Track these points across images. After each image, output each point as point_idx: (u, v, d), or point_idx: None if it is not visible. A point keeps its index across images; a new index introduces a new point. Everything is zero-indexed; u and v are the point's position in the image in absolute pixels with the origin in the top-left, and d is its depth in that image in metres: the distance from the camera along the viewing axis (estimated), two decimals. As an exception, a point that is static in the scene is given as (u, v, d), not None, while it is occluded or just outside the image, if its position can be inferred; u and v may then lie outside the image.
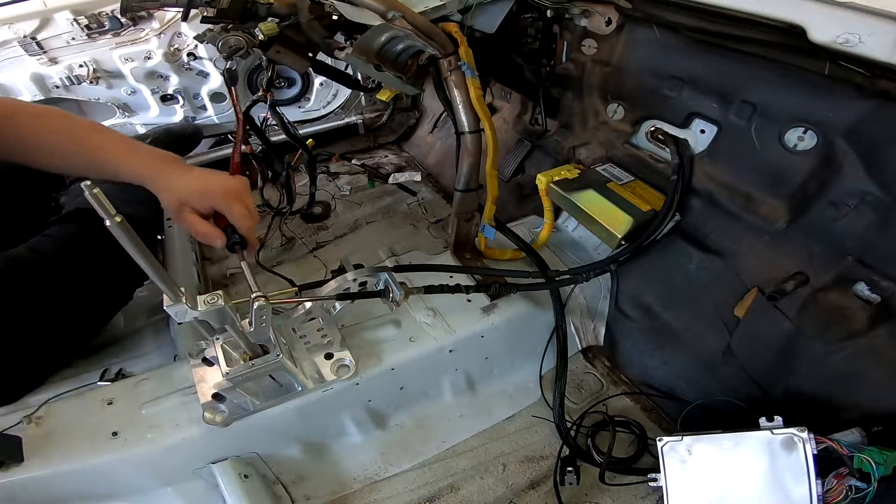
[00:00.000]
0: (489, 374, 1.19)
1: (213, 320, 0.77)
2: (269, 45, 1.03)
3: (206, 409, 0.90)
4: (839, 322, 0.89)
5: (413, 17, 0.93)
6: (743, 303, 1.03)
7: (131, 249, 0.62)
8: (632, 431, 1.10)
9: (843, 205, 0.89)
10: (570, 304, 1.26)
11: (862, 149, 0.85)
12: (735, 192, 1.06)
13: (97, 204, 0.56)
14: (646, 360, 1.20)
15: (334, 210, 1.75)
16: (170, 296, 0.70)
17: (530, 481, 1.05)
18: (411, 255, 1.39)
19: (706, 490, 0.80)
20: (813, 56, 0.85)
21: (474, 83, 1.02)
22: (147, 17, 1.69)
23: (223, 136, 2.05)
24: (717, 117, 1.07)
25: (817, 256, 0.94)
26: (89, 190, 0.55)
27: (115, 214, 0.58)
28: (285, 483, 1.01)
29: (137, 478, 0.92)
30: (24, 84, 1.67)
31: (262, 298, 0.76)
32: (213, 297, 0.74)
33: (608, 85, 1.28)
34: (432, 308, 1.13)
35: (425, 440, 1.10)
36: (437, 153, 2.01)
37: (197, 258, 1.48)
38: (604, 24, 1.21)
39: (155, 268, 0.66)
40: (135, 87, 1.81)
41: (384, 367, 1.03)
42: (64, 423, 0.91)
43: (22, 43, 1.61)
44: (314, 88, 2.02)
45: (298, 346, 1.02)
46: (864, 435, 0.77)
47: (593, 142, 1.36)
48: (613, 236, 1.13)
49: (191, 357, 0.95)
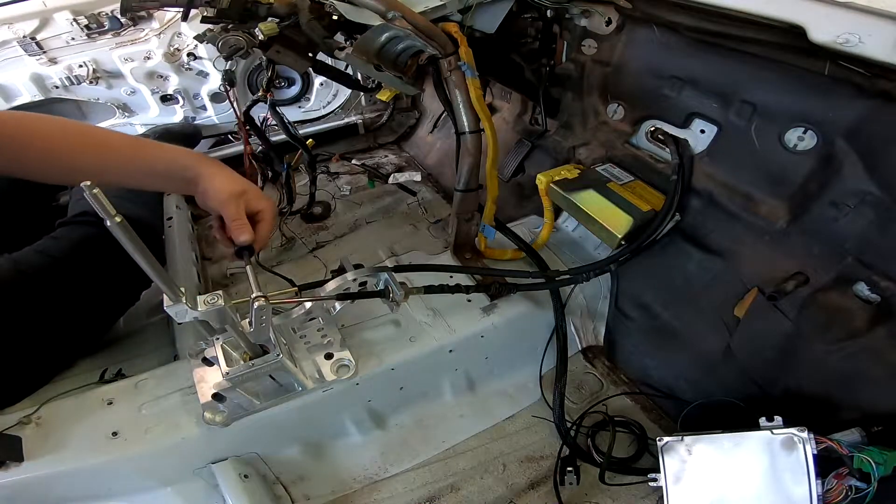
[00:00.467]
0: (489, 374, 1.19)
1: (213, 320, 0.77)
2: (269, 45, 1.03)
3: (206, 409, 0.90)
4: (839, 322, 0.89)
5: (413, 17, 0.93)
6: (743, 303, 1.03)
7: (131, 250, 0.62)
8: (632, 431, 1.10)
9: (843, 205, 0.89)
10: (570, 304, 1.26)
11: (862, 149, 0.85)
12: (735, 192, 1.06)
13: (97, 204, 0.56)
14: (646, 360, 1.20)
15: (334, 210, 1.75)
16: (170, 296, 0.70)
17: (530, 481, 1.05)
18: (411, 255, 1.39)
19: (706, 490, 0.80)
20: (813, 56, 0.85)
21: (474, 83, 1.02)
22: (147, 17, 1.69)
23: (223, 136, 2.05)
24: (717, 117, 1.07)
25: (817, 256, 0.94)
26: (89, 190, 0.55)
27: (115, 214, 0.58)
28: (285, 483, 1.01)
29: (137, 478, 0.92)
30: (24, 84, 1.67)
31: (263, 299, 0.76)
32: (213, 297, 0.74)
33: (608, 85, 1.28)
34: (432, 308, 1.13)
35: (425, 440, 1.10)
36: (437, 153, 2.01)
37: (197, 258, 1.48)
38: (604, 24, 1.21)
39: (155, 268, 0.66)
40: (134, 87, 1.81)
41: (384, 367, 1.03)
42: (64, 423, 0.91)
43: (21, 43, 1.60)
44: (314, 88, 2.03)
45: (298, 346, 1.02)
46: (864, 435, 0.77)
47: (593, 142, 1.36)
48: (613, 236, 1.13)
49: (191, 357, 0.95)
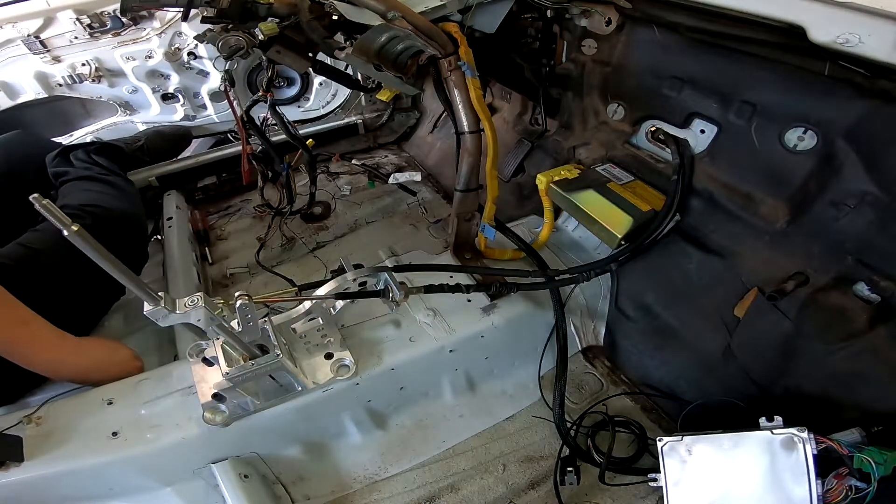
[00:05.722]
0: (489, 374, 1.19)
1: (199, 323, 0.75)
2: (269, 45, 1.03)
3: (206, 409, 0.90)
4: (839, 322, 0.89)
5: (413, 17, 0.93)
6: (743, 303, 1.03)
7: (95, 256, 0.60)
8: (632, 431, 1.10)
9: (843, 205, 0.89)
10: (570, 303, 1.26)
11: (862, 149, 0.85)
12: (735, 192, 1.06)
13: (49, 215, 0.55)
14: (646, 360, 1.20)
15: (334, 210, 1.75)
16: (145, 299, 0.69)
17: (530, 481, 1.05)
18: (411, 255, 1.39)
19: (706, 490, 0.80)
20: (813, 56, 0.85)
21: (474, 83, 1.02)
22: (148, 16, 1.70)
23: (223, 136, 2.05)
24: (717, 117, 1.07)
25: (817, 256, 0.94)
26: (38, 202, 0.54)
27: (70, 224, 0.56)
28: (285, 483, 1.01)
29: (137, 478, 0.92)
30: (28, 82, 1.69)
31: (245, 297, 0.76)
32: (192, 300, 0.72)
33: (608, 85, 1.28)
34: (432, 308, 1.13)
35: (425, 440, 1.10)
36: (437, 153, 2.01)
37: (197, 258, 1.48)
38: (604, 24, 1.21)
39: (125, 272, 0.64)
40: (136, 85, 1.82)
41: (384, 367, 1.03)
42: (64, 423, 0.91)
43: (25, 41, 1.62)
44: (314, 88, 2.03)
45: (298, 346, 1.02)
46: (864, 435, 0.77)
47: (593, 142, 1.36)
48: (613, 236, 1.13)
49: (191, 357, 0.95)
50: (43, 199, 0.54)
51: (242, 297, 0.75)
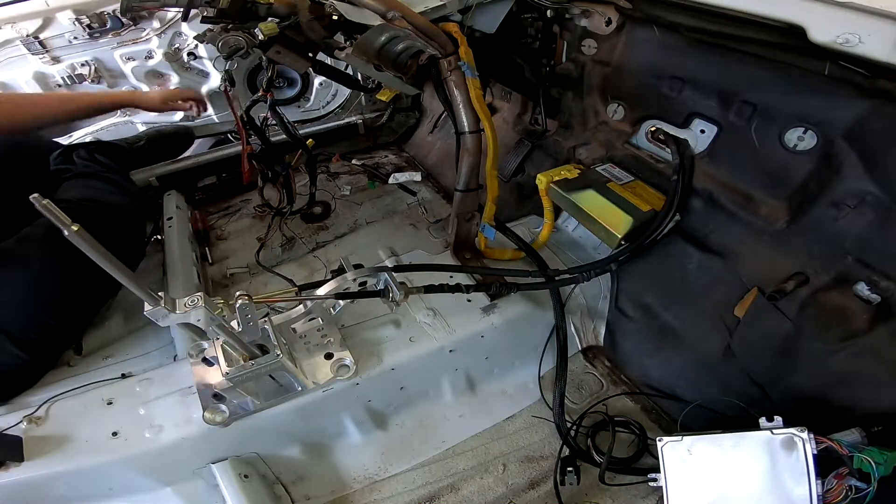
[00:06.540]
0: (489, 374, 1.19)
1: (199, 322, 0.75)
2: (269, 45, 1.03)
3: (206, 409, 0.90)
4: (839, 322, 0.89)
5: (413, 17, 0.93)
6: (743, 303, 1.03)
7: (94, 256, 0.60)
8: (632, 431, 1.10)
9: (843, 205, 0.89)
10: (570, 303, 1.25)
11: (862, 149, 0.85)
12: (735, 192, 1.06)
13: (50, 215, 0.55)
14: (646, 360, 1.20)
15: (334, 210, 1.75)
16: (145, 299, 0.69)
17: (530, 481, 1.05)
18: (411, 255, 1.39)
19: (706, 490, 0.80)
20: (813, 56, 0.85)
21: (474, 83, 1.02)
22: (147, 17, 1.70)
23: (223, 136, 2.05)
24: (717, 117, 1.07)
25: (817, 256, 0.94)
26: (38, 202, 0.54)
27: (70, 223, 0.57)
28: (285, 483, 1.01)
29: (137, 478, 0.92)
30: (27, 82, 1.68)
31: (245, 297, 0.76)
32: (192, 300, 0.72)
33: (608, 85, 1.28)
34: (432, 308, 1.13)
35: (425, 440, 1.10)
36: (437, 153, 2.01)
37: (197, 258, 1.48)
38: (604, 24, 1.21)
39: (124, 272, 0.64)
40: (136, 85, 1.82)
41: (384, 367, 1.03)
42: (64, 423, 0.91)
43: (24, 42, 1.62)
44: (314, 88, 2.03)
45: (298, 346, 1.02)
46: (864, 435, 0.77)
47: (593, 142, 1.36)
48: (613, 236, 1.13)
49: (191, 357, 0.95)
50: (43, 199, 0.54)
51: (242, 297, 0.76)
